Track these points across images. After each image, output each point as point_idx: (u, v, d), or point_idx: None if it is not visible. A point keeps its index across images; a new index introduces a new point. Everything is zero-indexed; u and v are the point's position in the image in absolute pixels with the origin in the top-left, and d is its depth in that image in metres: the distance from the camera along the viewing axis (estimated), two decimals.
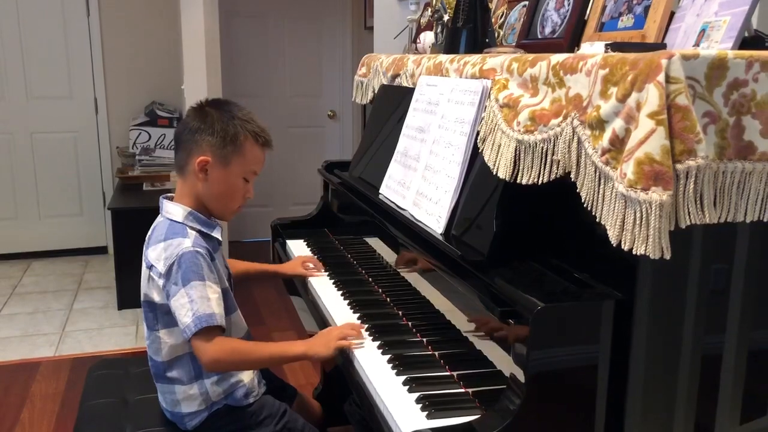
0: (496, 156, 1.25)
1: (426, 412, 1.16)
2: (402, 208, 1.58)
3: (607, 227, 0.98)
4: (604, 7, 1.41)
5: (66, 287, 4.09)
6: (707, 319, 1.09)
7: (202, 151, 1.47)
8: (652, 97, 0.91)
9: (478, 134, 1.35)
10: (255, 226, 4.85)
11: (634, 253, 0.93)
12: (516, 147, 1.19)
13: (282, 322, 3.55)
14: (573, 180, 1.06)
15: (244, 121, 1.49)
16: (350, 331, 1.45)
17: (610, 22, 1.39)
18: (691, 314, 1.08)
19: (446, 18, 1.88)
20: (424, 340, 1.43)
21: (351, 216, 2.09)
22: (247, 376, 1.56)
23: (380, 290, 1.72)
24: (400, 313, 1.57)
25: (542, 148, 1.13)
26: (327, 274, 1.89)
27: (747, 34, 1.11)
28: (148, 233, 1.53)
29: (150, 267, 1.46)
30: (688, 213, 0.93)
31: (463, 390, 1.24)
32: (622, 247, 0.95)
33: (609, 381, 1.07)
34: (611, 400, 1.08)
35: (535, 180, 1.15)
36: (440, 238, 1.37)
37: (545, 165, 1.12)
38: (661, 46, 1.20)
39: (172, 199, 1.53)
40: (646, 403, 1.09)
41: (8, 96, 4.42)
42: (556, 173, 1.11)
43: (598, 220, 1.00)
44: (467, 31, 1.75)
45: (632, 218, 0.93)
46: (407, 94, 1.76)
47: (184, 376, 1.50)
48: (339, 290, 1.77)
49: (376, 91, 2.13)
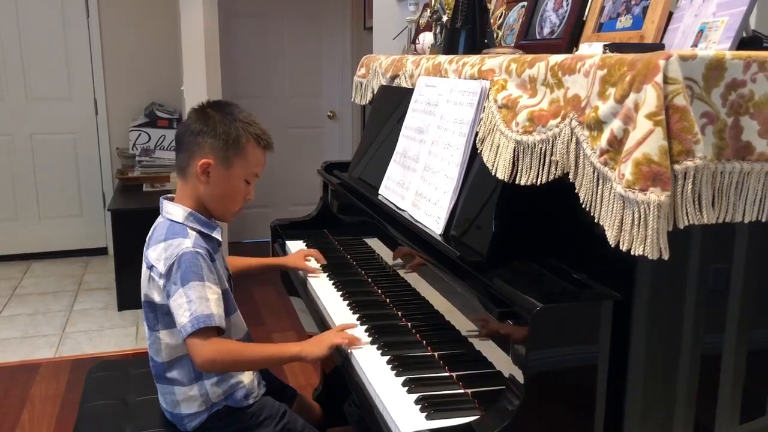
0: (495, 157, 1.26)
1: (425, 413, 1.16)
2: (401, 209, 1.58)
3: (606, 228, 0.98)
4: (603, 8, 1.41)
5: (66, 288, 4.09)
6: (706, 319, 1.09)
7: (204, 154, 1.47)
8: (650, 98, 0.91)
9: (476, 135, 1.35)
10: (255, 226, 4.85)
11: (633, 253, 0.94)
12: (515, 148, 1.20)
13: (282, 323, 3.55)
14: (571, 180, 1.07)
15: (246, 124, 1.49)
16: (343, 336, 1.45)
17: (608, 22, 1.39)
18: (690, 314, 1.08)
19: (445, 19, 1.88)
20: (424, 340, 1.43)
21: (350, 217, 2.09)
22: (247, 377, 1.56)
23: (380, 291, 1.72)
24: (400, 313, 1.57)
25: (541, 148, 1.13)
26: (326, 274, 1.89)
27: (745, 35, 1.11)
28: (149, 234, 1.53)
29: (150, 267, 1.47)
30: (687, 213, 0.94)
31: (462, 391, 1.24)
32: (621, 247, 0.95)
33: (608, 381, 1.07)
34: (610, 401, 1.08)
35: (534, 181, 1.15)
36: (439, 238, 1.37)
37: (544, 166, 1.13)
38: (659, 46, 1.20)
39: (172, 199, 1.54)
40: (645, 404, 1.09)
41: (8, 97, 4.42)
42: (555, 174, 1.11)
43: (596, 221, 1.01)
44: (466, 32, 1.75)
45: (630, 219, 0.93)
46: (406, 94, 1.76)
47: (184, 377, 1.50)
48: (338, 291, 1.77)
49: (376, 92, 2.13)
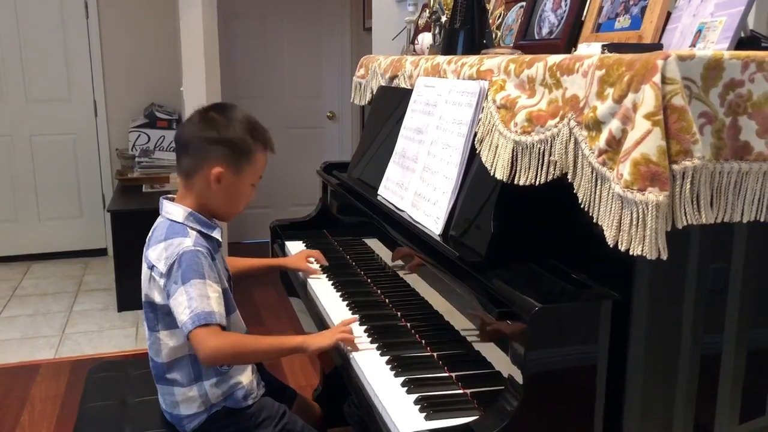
0: (494, 157, 1.26)
1: (424, 413, 1.16)
2: (400, 209, 1.59)
3: (604, 228, 0.98)
4: (601, 8, 1.41)
5: (66, 289, 4.09)
6: (705, 318, 1.09)
7: (217, 162, 1.47)
8: (648, 98, 0.91)
9: (475, 135, 1.35)
10: (255, 227, 4.85)
11: (631, 253, 0.94)
12: (513, 148, 1.20)
13: (282, 323, 3.55)
14: (570, 181, 1.07)
15: (254, 130, 1.51)
16: (346, 332, 1.45)
17: (607, 22, 1.39)
18: (689, 314, 1.08)
19: (444, 19, 1.88)
20: (423, 341, 1.43)
21: (350, 217, 2.09)
22: (246, 378, 1.56)
23: (379, 291, 1.72)
24: (399, 314, 1.57)
25: (539, 149, 1.13)
26: (326, 275, 1.89)
27: (743, 35, 1.11)
28: (149, 234, 1.53)
29: (151, 267, 1.47)
30: (685, 213, 0.94)
31: (461, 391, 1.24)
32: (619, 247, 0.95)
33: (607, 382, 1.07)
34: (609, 401, 1.08)
35: (533, 181, 1.15)
36: (438, 239, 1.37)
37: (542, 166, 1.13)
38: (657, 46, 1.20)
39: (172, 200, 1.54)
40: (644, 404, 1.09)
41: (7, 98, 4.42)
42: (553, 174, 1.11)
43: (595, 221, 1.01)
44: (465, 32, 1.75)
45: (629, 219, 0.93)
46: (405, 95, 1.76)
47: (184, 378, 1.50)
48: (338, 291, 1.77)
49: (375, 93, 2.13)
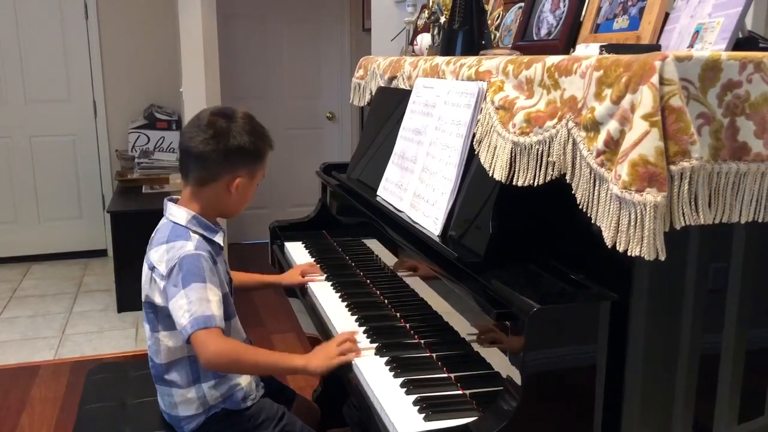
0: (492, 158, 1.26)
1: (423, 414, 1.16)
2: (399, 210, 1.59)
3: (603, 228, 0.98)
4: (600, 9, 1.41)
5: (65, 290, 4.09)
6: (704, 319, 1.09)
7: (236, 171, 1.49)
8: (646, 99, 0.91)
9: (474, 136, 1.35)
10: (254, 228, 4.85)
11: (629, 254, 0.94)
12: (512, 149, 1.20)
13: (282, 325, 3.54)
14: (568, 181, 1.07)
15: (260, 132, 1.52)
16: (347, 345, 1.43)
17: (605, 23, 1.39)
18: (688, 314, 1.08)
19: (443, 20, 1.88)
20: (422, 342, 1.44)
21: (349, 218, 2.09)
22: (245, 380, 1.56)
23: (378, 292, 1.72)
24: (398, 315, 1.57)
25: (538, 149, 1.13)
26: (325, 276, 1.89)
27: (741, 36, 1.11)
28: (152, 235, 1.53)
29: (152, 268, 1.47)
30: (683, 214, 0.94)
31: (460, 392, 1.24)
32: (617, 248, 0.95)
33: (606, 382, 1.07)
34: (608, 402, 1.08)
35: (531, 182, 1.15)
36: (437, 239, 1.37)
37: (541, 167, 1.13)
38: (655, 47, 1.20)
39: (176, 201, 1.54)
40: (643, 404, 1.09)
41: (7, 99, 4.42)
42: (552, 175, 1.11)
43: (593, 222, 1.01)
44: (463, 33, 1.75)
45: (627, 219, 0.93)
46: (404, 96, 1.76)
47: (182, 379, 1.50)
48: (337, 292, 1.77)
49: (374, 93, 2.13)
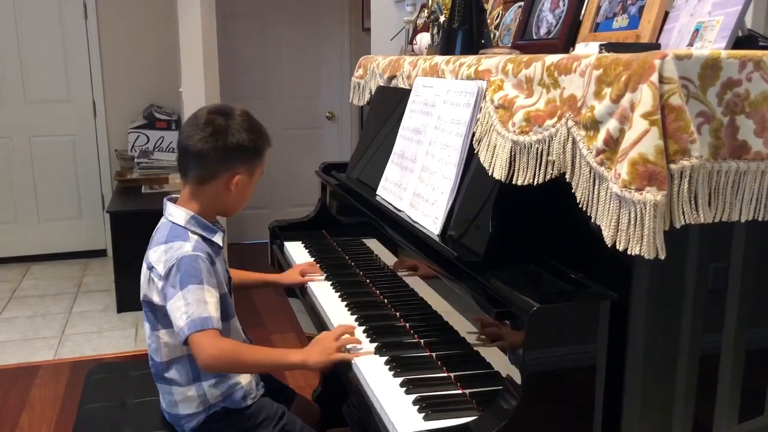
0: (492, 157, 1.25)
1: (423, 414, 1.16)
2: (399, 210, 1.58)
3: (602, 227, 0.98)
4: (599, 8, 1.41)
5: (65, 290, 4.09)
6: (704, 318, 1.09)
7: (236, 169, 1.48)
8: (645, 98, 0.91)
9: (473, 135, 1.35)
10: (254, 227, 4.85)
11: (629, 253, 0.94)
12: (511, 148, 1.19)
13: (282, 324, 3.54)
14: (568, 180, 1.07)
15: (258, 129, 1.52)
16: (346, 339, 1.44)
17: (604, 22, 1.39)
18: (688, 313, 1.08)
19: (442, 19, 1.88)
20: (422, 341, 1.43)
21: (349, 218, 2.09)
22: (245, 378, 1.56)
23: (378, 292, 1.72)
24: (398, 314, 1.57)
25: (537, 148, 1.13)
26: (325, 275, 1.89)
27: (740, 34, 1.11)
28: (152, 234, 1.53)
29: (151, 268, 1.47)
30: (683, 213, 0.94)
31: (460, 391, 1.24)
32: (617, 247, 0.95)
33: (606, 382, 1.07)
34: (608, 401, 1.08)
35: (531, 181, 1.15)
36: (437, 239, 1.37)
37: (540, 166, 1.13)
38: (655, 46, 1.20)
39: (176, 201, 1.54)
40: (643, 403, 1.09)
41: (6, 99, 4.41)
42: (552, 174, 1.11)
43: (593, 221, 1.01)
44: (463, 32, 1.75)
45: (627, 218, 0.93)
46: (404, 95, 1.76)
47: (182, 377, 1.50)
48: (337, 292, 1.77)
49: (373, 93, 2.13)
